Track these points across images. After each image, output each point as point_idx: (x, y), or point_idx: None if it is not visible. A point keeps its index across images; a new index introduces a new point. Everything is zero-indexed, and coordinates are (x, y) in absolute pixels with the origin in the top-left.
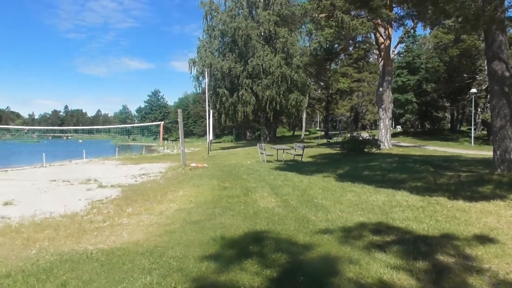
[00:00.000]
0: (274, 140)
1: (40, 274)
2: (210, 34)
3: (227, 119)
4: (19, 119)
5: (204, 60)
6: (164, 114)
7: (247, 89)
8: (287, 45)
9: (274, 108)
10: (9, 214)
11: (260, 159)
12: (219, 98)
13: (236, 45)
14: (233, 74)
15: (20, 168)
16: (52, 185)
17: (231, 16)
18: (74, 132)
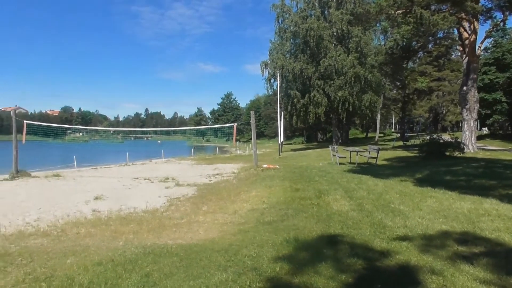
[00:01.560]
0: (346, 142)
1: (127, 264)
2: (281, 36)
3: (298, 121)
4: (106, 121)
5: (275, 62)
6: (236, 116)
7: (319, 90)
8: (361, 44)
9: (346, 109)
10: (99, 207)
11: (332, 161)
12: (290, 99)
13: (307, 46)
14: (305, 75)
15: (107, 166)
16: (135, 183)
17: (302, 17)
18: (153, 133)
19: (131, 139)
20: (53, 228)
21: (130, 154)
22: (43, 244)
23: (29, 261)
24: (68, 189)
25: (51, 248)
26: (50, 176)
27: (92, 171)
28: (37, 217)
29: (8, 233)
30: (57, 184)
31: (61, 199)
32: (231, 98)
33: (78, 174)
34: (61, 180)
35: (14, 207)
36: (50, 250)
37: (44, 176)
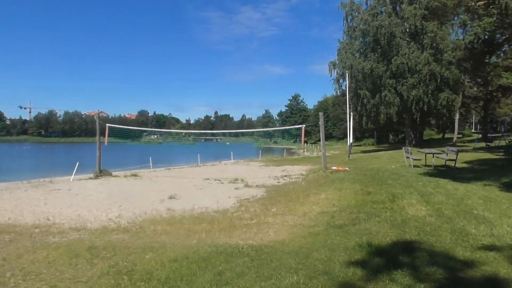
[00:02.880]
0: (421, 143)
1: (200, 262)
2: (350, 35)
3: (368, 122)
4: (179, 124)
5: (344, 62)
6: (304, 118)
7: (391, 90)
8: (436, 40)
9: (421, 109)
10: (173, 206)
11: (406, 164)
12: (360, 100)
13: (378, 44)
14: (375, 74)
15: (180, 167)
16: (205, 183)
17: (372, 15)
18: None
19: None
20: (132, 224)
21: (200, 156)
22: (124, 240)
23: (112, 255)
24: (144, 188)
25: (131, 244)
26: (129, 176)
27: (166, 171)
28: (118, 214)
29: (94, 228)
30: (135, 183)
31: (139, 198)
32: (298, 99)
33: (153, 174)
34: (138, 179)
35: (98, 204)
36: (130, 245)
37: (124, 175)
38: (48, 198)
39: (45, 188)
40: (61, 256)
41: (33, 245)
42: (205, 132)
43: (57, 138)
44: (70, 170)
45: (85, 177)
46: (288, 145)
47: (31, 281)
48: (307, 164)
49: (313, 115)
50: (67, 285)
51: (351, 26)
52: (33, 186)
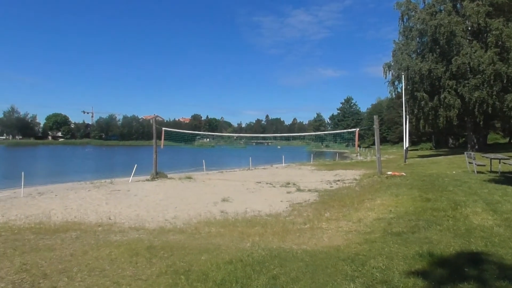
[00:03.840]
0: (484, 148)
1: (255, 265)
2: (406, 35)
3: (426, 125)
4: (230, 128)
5: (400, 63)
6: (357, 121)
7: (450, 91)
8: (502, 38)
9: (484, 111)
10: (226, 209)
11: (468, 170)
12: (417, 102)
13: (437, 44)
14: (434, 75)
15: (232, 170)
16: (257, 187)
17: (430, 14)
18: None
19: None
20: (187, 226)
21: (252, 159)
22: (181, 240)
23: (169, 255)
24: (198, 191)
25: (187, 244)
26: (183, 178)
27: (218, 174)
28: (174, 215)
29: (151, 228)
30: (189, 185)
31: (193, 200)
32: (351, 102)
33: (206, 177)
34: (192, 182)
35: (155, 205)
36: (186, 246)
37: (178, 178)
38: (109, 198)
39: (106, 188)
40: (122, 254)
41: (97, 243)
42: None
43: (116, 141)
44: (128, 172)
45: (142, 179)
46: (340, 149)
47: (96, 277)
48: (360, 169)
49: (366, 118)
50: (128, 282)
51: (407, 26)
52: (96, 187)
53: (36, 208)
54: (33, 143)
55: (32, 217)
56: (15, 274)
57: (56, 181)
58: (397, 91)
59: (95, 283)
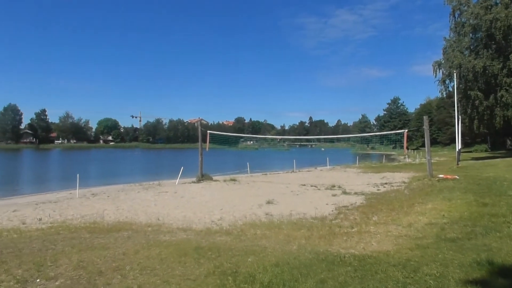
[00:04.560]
0: None
1: (302, 268)
2: (458, 31)
3: (480, 126)
4: (274, 130)
5: (451, 61)
6: (404, 122)
7: (508, 89)
8: None
9: None
10: (271, 211)
11: None
12: (470, 101)
13: (492, 40)
14: (489, 73)
15: (276, 172)
16: (302, 189)
17: (485, 8)
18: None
19: (296, 146)
20: (233, 227)
21: (296, 161)
22: (227, 242)
23: (217, 256)
24: (243, 193)
25: (234, 246)
26: (228, 180)
27: (262, 176)
28: (220, 216)
29: (198, 229)
30: (234, 187)
31: (238, 202)
32: (398, 102)
33: (251, 179)
34: (237, 184)
35: (201, 207)
36: (233, 247)
37: (223, 180)
38: (157, 200)
39: (154, 190)
40: (171, 254)
41: (147, 242)
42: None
43: (163, 144)
44: (175, 174)
45: (188, 181)
46: (387, 151)
47: (147, 275)
48: (409, 171)
49: (414, 119)
50: (178, 281)
51: (459, 21)
52: (144, 188)
53: (90, 209)
54: (86, 146)
55: (87, 217)
56: (73, 271)
57: (108, 183)
58: (448, 90)
59: (146, 282)
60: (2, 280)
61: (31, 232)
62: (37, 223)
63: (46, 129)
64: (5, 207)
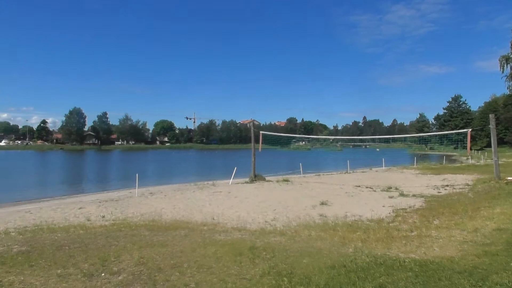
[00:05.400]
0: None
1: (359, 272)
2: None
3: None
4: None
5: None
6: (466, 121)
7: None
8: None
9: None
10: (325, 213)
11: None
12: None
13: None
14: None
15: (329, 173)
16: (356, 190)
17: None
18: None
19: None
20: (287, 228)
21: (350, 162)
22: (281, 242)
23: (271, 256)
24: (296, 194)
25: (288, 247)
26: (281, 181)
27: (315, 177)
28: (273, 217)
29: (253, 229)
30: (286, 188)
31: (291, 202)
32: (459, 100)
33: (303, 180)
34: (290, 185)
35: (254, 207)
36: (288, 248)
37: (276, 180)
38: (212, 199)
39: (209, 190)
40: (227, 253)
41: (203, 241)
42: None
43: (216, 145)
44: (228, 174)
45: (241, 181)
46: (447, 152)
47: (204, 273)
48: (473, 173)
49: (478, 118)
50: (234, 280)
51: None
52: (199, 188)
53: (148, 207)
54: (144, 147)
55: (146, 215)
56: (135, 266)
57: (165, 183)
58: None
59: (203, 279)
60: (70, 273)
61: (96, 228)
62: (101, 220)
63: (107, 131)
64: (72, 204)
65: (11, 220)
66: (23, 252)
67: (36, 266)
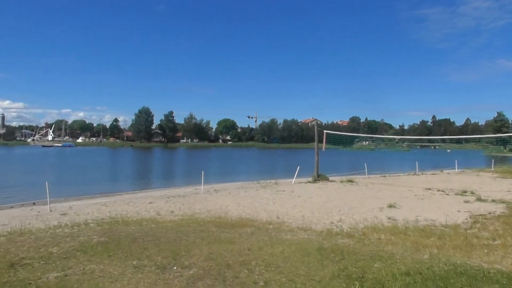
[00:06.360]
0: None
1: (437, 280)
2: None
3: None
4: (391, 130)
5: None
6: None
7: None
8: None
9: None
10: (394, 215)
11: None
12: None
13: None
14: None
15: (395, 174)
16: (427, 193)
17: None
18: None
19: (416, 147)
20: (354, 230)
21: (418, 163)
22: (350, 245)
23: (340, 259)
24: (361, 195)
25: (357, 250)
26: (345, 181)
27: (381, 178)
28: (339, 218)
29: (318, 230)
30: (351, 189)
31: (357, 204)
32: None
33: (369, 181)
34: (354, 185)
35: (318, 207)
36: (357, 251)
37: (340, 180)
38: (275, 198)
39: (271, 189)
40: (294, 253)
41: (270, 240)
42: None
43: (277, 143)
44: (290, 173)
45: (304, 181)
46: None
47: (272, 272)
48: None
49: None
50: (303, 281)
51: None
52: (262, 187)
53: (214, 204)
54: (207, 145)
55: (212, 211)
56: (204, 262)
57: (228, 180)
58: None
59: (272, 278)
60: (145, 265)
61: (166, 223)
62: (170, 215)
63: (173, 129)
64: (142, 199)
65: (89, 212)
66: (102, 243)
67: (114, 256)
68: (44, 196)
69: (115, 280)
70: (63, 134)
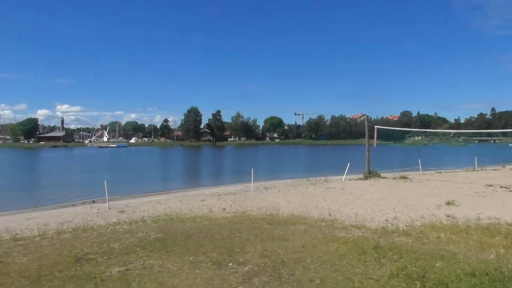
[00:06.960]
0: None
1: (507, 282)
2: None
3: None
4: (446, 124)
5: None
6: None
7: None
8: None
9: None
10: (453, 213)
11: None
12: None
13: None
14: None
15: (452, 170)
16: (488, 190)
17: None
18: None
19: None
20: (411, 228)
21: (477, 159)
22: (407, 243)
23: (398, 257)
24: (416, 192)
25: (416, 248)
26: (398, 178)
27: (437, 175)
28: (394, 216)
29: (373, 227)
30: (405, 186)
31: (412, 201)
32: None
33: (423, 177)
34: (408, 182)
35: (371, 204)
36: (416, 250)
37: (392, 177)
38: (326, 195)
39: (322, 186)
40: (349, 251)
41: (324, 237)
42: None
43: (325, 140)
44: (340, 170)
45: (354, 177)
46: None
47: (328, 270)
48: None
49: None
50: (360, 280)
51: None
52: (312, 184)
53: (264, 201)
54: (254, 143)
55: (263, 208)
56: (259, 258)
57: (277, 177)
58: None
59: (328, 276)
60: (201, 261)
61: (218, 220)
62: (222, 212)
63: (221, 128)
64: (195, 196)
65: (145, 209)
66: (159, 239)
67: (171, 252)
68: (103, 194)
69: (173, 275)
70: (117, 135)
